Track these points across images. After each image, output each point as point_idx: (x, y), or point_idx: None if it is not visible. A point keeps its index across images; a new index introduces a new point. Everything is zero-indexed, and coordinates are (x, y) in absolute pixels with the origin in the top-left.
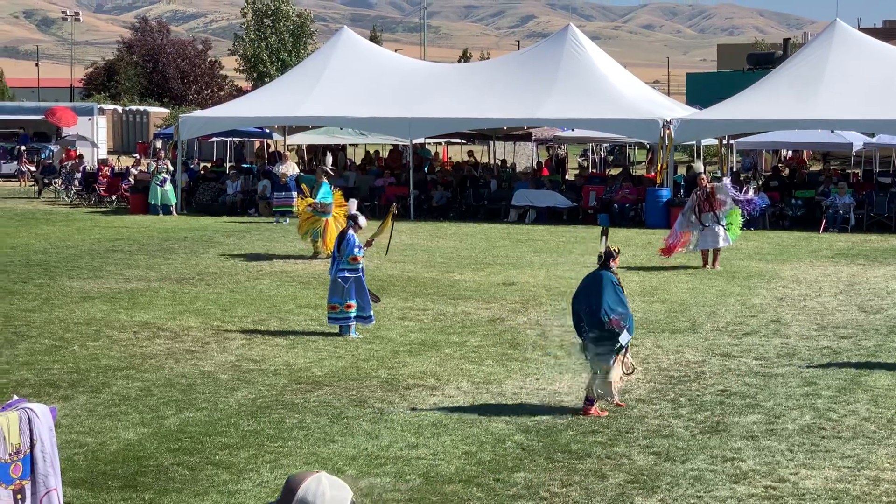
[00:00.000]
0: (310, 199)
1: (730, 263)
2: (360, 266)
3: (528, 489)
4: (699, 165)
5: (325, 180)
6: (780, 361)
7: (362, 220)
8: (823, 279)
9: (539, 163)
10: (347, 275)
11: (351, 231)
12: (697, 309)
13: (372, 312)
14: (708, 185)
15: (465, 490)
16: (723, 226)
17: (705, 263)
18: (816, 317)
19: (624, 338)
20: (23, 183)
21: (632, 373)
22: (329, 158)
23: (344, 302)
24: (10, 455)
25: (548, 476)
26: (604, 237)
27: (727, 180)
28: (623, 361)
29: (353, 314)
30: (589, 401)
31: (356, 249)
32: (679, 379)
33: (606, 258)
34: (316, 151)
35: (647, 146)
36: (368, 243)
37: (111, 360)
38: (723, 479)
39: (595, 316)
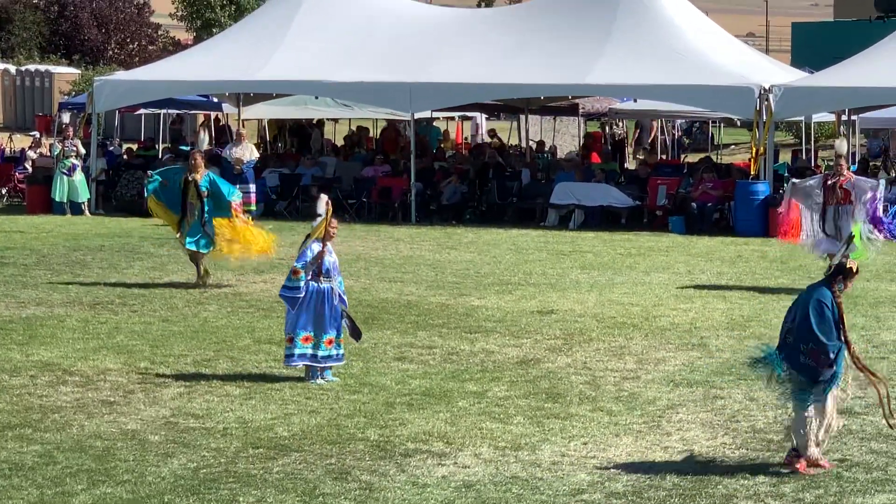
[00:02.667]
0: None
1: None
2: (304, 285)
3: None
4: (842, 145)
5: (206, 169)
6: None
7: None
8: None
9: (588, 146)
10: (286, 294)
11: (312, 237)
12: None
13: (341, 351)
14: (846, 174)
15: None
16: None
17: None
18: None
19: (827, 374)
20: None
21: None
22: (203, 135)
23: (298, 333)
24: None
25: None
26: (846, 245)
27: (880, 183)
28: (827, 411)
29: (308, 350)
30: (795, 451)
31: (299, 261)
32: (781, 444)
33: (835, 273)
34: (282, 128)
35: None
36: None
37: None
38: None
39: (796, 339)
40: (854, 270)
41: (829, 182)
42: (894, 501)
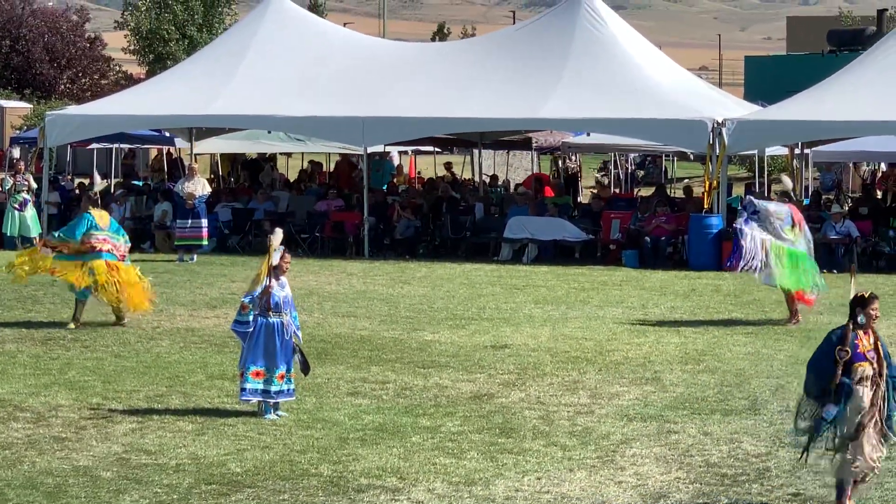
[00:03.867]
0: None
1: (804, 318)
2: (253, 319)
3: None
4: (787, 182)
5: (89, 210)
6: None
7: (276, 256)
8: None
9: (541, 179)
10: (237, 328)
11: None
12: (759, 382)
13: (291, 386)
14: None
15: None
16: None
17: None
18: None
19: (828, 412)
20: None
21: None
22: (98, 179)
23: (249, 367)
24: None
25: None
26: (853, 278)
27: (750, 200)
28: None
29: (259, 385)
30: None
31: (247, 295)
32: (734, 478)
33: (852, 307)
34: (234, 162)
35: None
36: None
37: None
38: None
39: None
40: (866, 297)
41: None
42: None
